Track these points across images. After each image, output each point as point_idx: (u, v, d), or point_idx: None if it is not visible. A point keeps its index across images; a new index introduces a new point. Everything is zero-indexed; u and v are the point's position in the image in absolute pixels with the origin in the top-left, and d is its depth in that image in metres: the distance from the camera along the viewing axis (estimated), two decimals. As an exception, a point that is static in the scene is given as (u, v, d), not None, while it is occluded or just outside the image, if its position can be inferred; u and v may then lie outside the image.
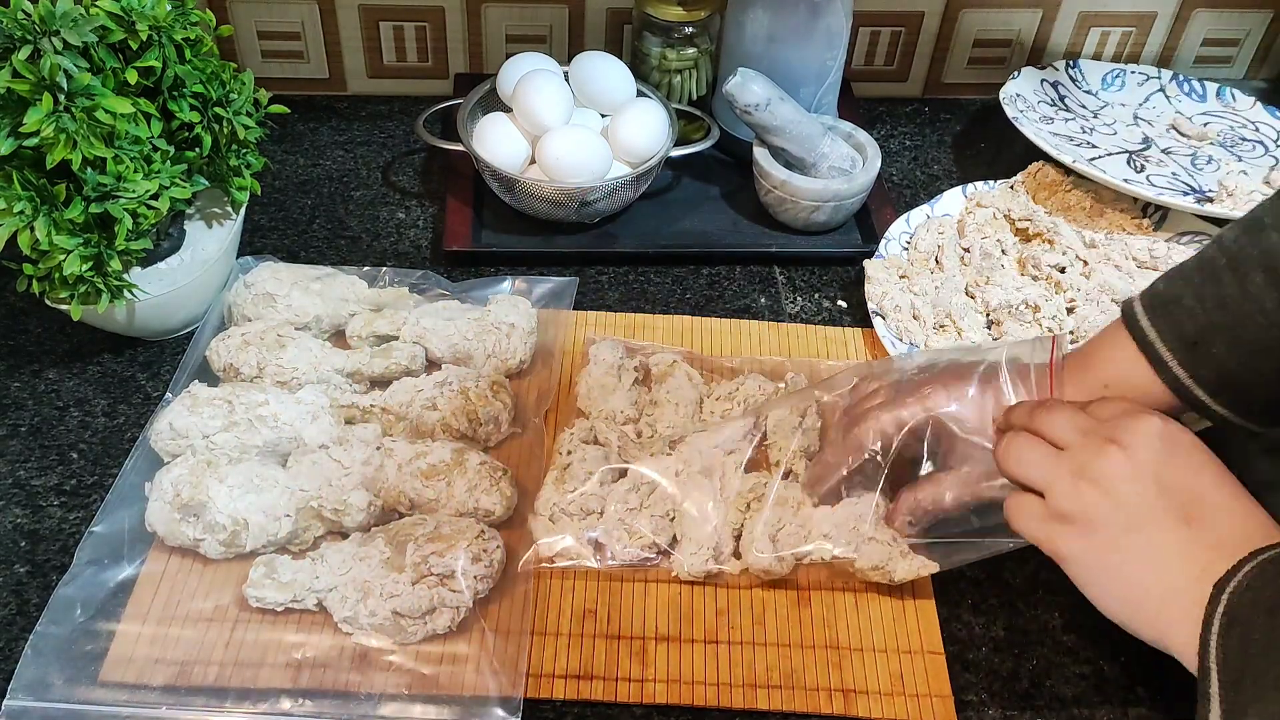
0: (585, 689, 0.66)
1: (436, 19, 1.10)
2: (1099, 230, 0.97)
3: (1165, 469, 0.57)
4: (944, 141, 1.14)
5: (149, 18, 0.75)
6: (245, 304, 0.85)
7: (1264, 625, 0.50)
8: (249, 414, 0.75)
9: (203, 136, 0.81)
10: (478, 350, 0.82)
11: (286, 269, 0.87)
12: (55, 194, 0.73)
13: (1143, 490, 0.57)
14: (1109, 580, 0.58)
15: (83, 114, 0.71)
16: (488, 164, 0.93)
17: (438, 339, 0.83)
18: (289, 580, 0.68)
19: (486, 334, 0.83)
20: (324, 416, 0.77)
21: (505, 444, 0.80)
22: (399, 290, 0.88)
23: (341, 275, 0.88)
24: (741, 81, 0.92)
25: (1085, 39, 1.17)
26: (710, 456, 0.75)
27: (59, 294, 0.77)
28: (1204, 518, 0.56)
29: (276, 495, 0.71)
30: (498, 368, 0.82)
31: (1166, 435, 0.58)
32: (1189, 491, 0.57)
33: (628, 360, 0.83)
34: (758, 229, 1.00)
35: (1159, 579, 0.56)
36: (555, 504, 0.73)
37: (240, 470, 0.71)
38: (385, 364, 0.81)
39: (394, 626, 0.67)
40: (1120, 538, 0.57)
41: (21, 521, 0.74)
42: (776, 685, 0.67)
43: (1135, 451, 0.57)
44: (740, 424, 0.78)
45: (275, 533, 0.70)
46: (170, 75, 0.78)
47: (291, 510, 0.71)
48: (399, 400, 0.79)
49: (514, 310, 0.85)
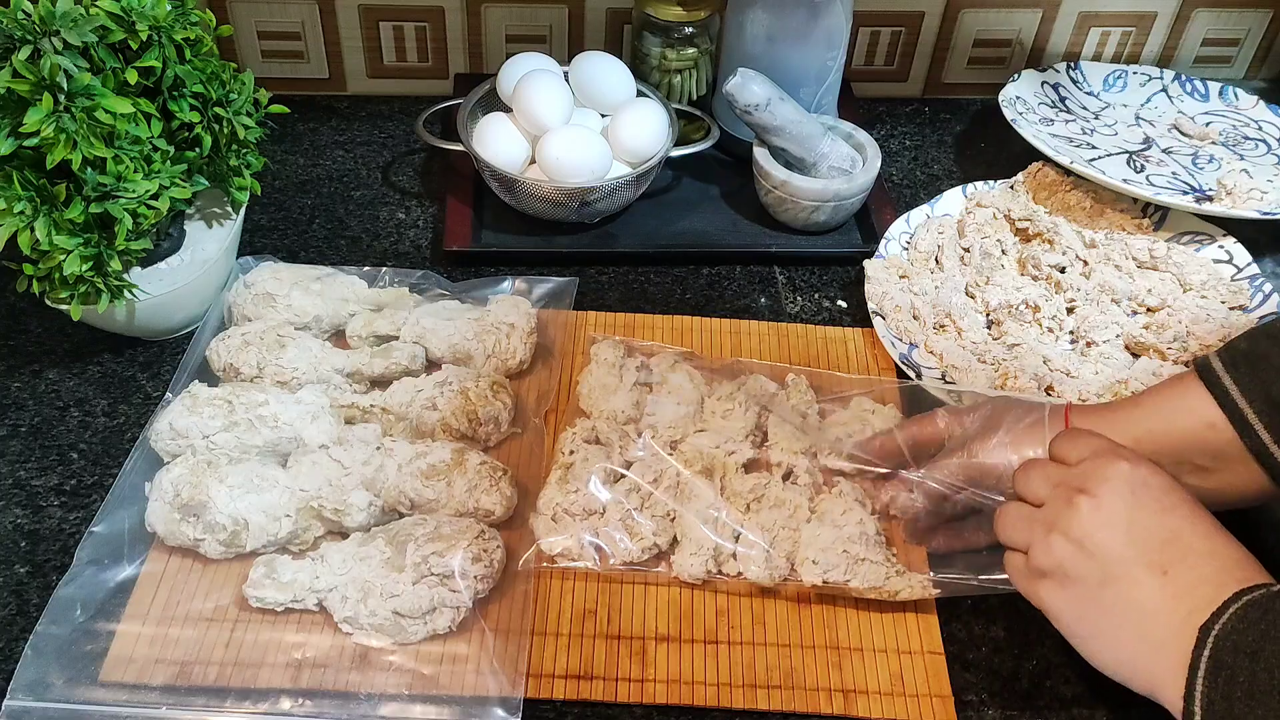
0: (585, 689, 0.66)
1: (436, 19, 1.10)
2: (1099, 230, 0.97)
3: (1136, 515, 0.56)
4: (944, 141, 1.14)
5: (149, 18, 0.75)
6: (245, 304, 0.85)
7: (1247, 670, 0.49)
8: (249, 414, 0.75)
9: (203, 136, 0.81)
10: (478, 350, 0.82)
11: (286, 269, 0.87)
12: (55, 194, 0.73)
13: (1113, 539, 0.56)
14: (1093, 633, 0.57)
15: (83, 114, 0.71)
16: (488, 164, 0.93)
17: (437, 339, 0.83)
18: (289, 580, 0.68)
19: (486, 334, 0.83)
20: (324, 416, 0.77)
21: (505, 444, 0.80)
22: (399, 290, 0.89)
23: (341, 275, 0.88)
24: (741, 81, 0.92)
25: (1085, 39, 1.17)
26: (711, 457, 0.75)
27: (59, 294, 0.77)
28: (1181, 561, 0.55)
29: (277, 495, 0.71)
30: (498, 368, 0.82)
31: (1136, 480, 0.57)
32: (1162, 535, 0.55)
33: (629, 360, 0.83)
34: (758, 229, 1.00)
35: (1141, 632, 0.55)
36: (558, 503, 0.73)
37: (240, 470, 0.71)
38: (385, 364, 0.81)
39: (394, 626, 0.67)
40: (1097, 591, 0.56)
41: (21, 521, 0.74)
42: (776, 685, 0.67)
43: (1103, 500, 0.56)
44: (741, 424, 0.78)
45: (275, 533, 0.70)
46: (170, 75, 0.78)
47: (292, 510, 0.71)
48: (399, 400, 0.79)
49: (514, 310, 0.85)
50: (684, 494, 0.73)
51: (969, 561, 0.70)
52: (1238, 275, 0.93)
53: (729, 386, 0.81)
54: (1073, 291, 0.91)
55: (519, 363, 0.83)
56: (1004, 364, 0.84)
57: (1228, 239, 0.95)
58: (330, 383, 0.80)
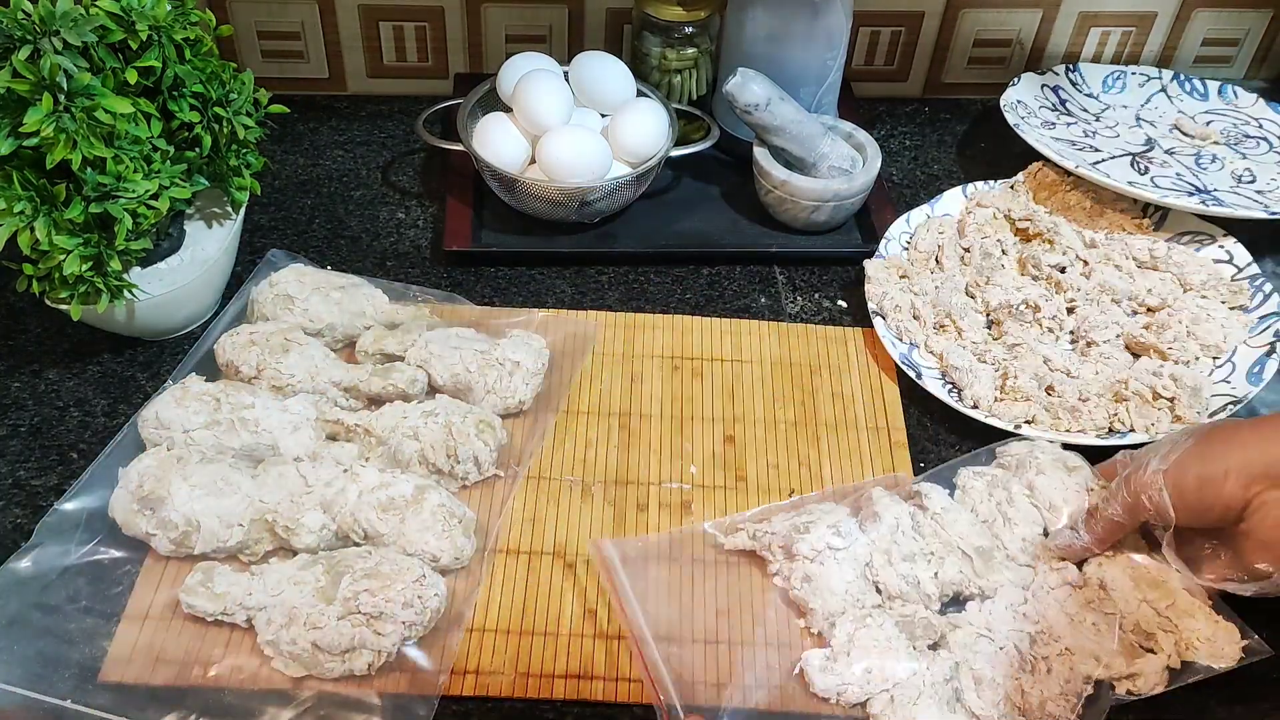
0: (585, 689, 0.66)
1: (436, 19, 1.10)
2: (1099, 230, 0.97)
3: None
4: (944, 141, 1.14)
5: (149, 17, 0.75)
6: (265, 302, 0.85)
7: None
8: (233, 414, 0.75)
9: (202, 136, 0.81)
10: (478, 384, 0.80)
11: (312, 273, 0.87)
12: (55, 194, 0.73)
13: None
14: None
15: (83, 114, 0.71)
16: (488, 164, 0.93)
17: (441, 365, 0.81)
18: (221, 592, 0.67)
19: (489, 369, 0.80)
20: (305, 428, 0.76)
21: (483, 485, 0.77)
22: (418, 308, 0.87)
23: (366, 286, 0.87)
24: (741, 81, 0.92)
25: (1085, 39, 1.17)
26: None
27: (59, 294, 0.77)
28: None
29: (235, 502, 0.70)
30: (496, 405, 0.80)
31: None
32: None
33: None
34: (758, 229, 1.00)
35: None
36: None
37: (208, 471, 0.71)
38: (383, 384, 0.80)
39: (310, 659, 0.65)
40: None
41: (21, 521, 0.74)
42: (776, 684, 0.67)
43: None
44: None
45: (225, 540, 0.70)
46: (170, 75, 0.78)
47: (245, 520, 0.70)
48: (384, 424, 0.77)
49: (524, 348, 0.82)
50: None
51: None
52: (1238, 275, 0.93)
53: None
54: (1073, 291, 0.91)
55: (518, 403, 0.81)
56: (1004, 364, 0.84)
57: (1228, 239, 0.95)
58: (325, 394, 0.79)
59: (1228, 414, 0.81)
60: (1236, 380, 0.84)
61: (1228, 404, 0.82)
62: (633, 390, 0.85)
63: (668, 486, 0.78)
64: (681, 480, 0.79)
